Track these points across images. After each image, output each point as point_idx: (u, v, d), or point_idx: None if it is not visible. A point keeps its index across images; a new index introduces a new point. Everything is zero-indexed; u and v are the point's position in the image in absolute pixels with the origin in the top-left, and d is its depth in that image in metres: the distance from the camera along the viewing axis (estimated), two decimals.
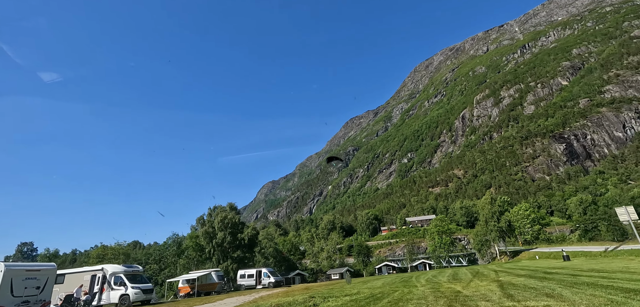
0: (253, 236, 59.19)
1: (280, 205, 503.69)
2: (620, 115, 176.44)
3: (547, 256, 46.58)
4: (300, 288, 29.89)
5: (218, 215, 57.46)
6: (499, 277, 21.02)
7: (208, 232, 56.05)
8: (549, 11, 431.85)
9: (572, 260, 35.76)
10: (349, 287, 24.33)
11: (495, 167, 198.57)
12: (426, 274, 39.43)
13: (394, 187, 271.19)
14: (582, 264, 27.50)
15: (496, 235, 63.69)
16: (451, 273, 32.49)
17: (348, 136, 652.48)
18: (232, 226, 57.52)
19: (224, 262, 54.57)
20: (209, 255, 54.97)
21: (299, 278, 70.47)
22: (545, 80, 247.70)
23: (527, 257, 51.50)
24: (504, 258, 61.77)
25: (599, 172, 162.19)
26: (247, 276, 46.52)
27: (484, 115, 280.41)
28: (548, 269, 25.01)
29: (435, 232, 79.65)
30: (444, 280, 24.17)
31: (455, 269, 44.25)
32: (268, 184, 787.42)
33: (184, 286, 39.58)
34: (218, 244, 54.96)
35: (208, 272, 40.46)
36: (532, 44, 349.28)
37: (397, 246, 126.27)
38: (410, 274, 43.92)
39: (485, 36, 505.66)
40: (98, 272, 28.06)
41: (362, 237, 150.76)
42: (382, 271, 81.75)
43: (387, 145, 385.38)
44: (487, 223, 66.43)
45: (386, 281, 30.34)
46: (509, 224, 65.34)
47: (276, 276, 45.14)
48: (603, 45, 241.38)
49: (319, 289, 25.68)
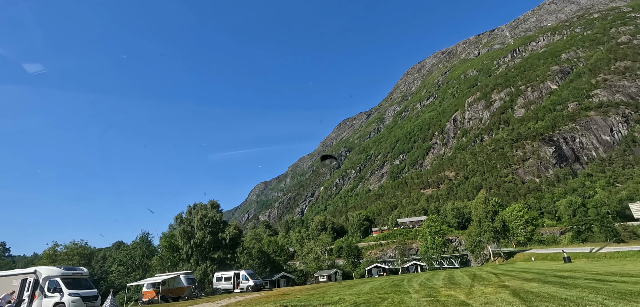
0: (235, 235, 55.37)
1: (271, 206, 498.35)
2: (608, 119, 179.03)
3: (543, 258, 44.71)
4: (277, 293, 26.87)
5: (198, 213, 53.72)
6: (505, 282, 18.45)
7: (186, 232, 52.25)
8: (538, 17, 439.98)
9: (573, 262, 33.72)
10: (331, 293, 21.42)
11: (486, 169, 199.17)
12: (418, 276, 36.86)
13: (386, 189, 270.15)
14: (589, 266, 25.29)
15: (490, 236, 61.45)
16: (446, 276, 29.94)
17: (341, 138, 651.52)
18: (213, 224, 53.89)
19: (202, 264, 50.67)
20: (186, 256, 50.87)
21: (284, 281, 67.08)
22: (535, 84, 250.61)
23: (522, 259, 49.65)
24: (498, 260, 59.80)
25: (588, 175, 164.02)
26: (224, 279, 42.53)
27: (475, 118, 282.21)
28: (557, 272, 22.70)
29: (427, 233, 77.21)
30: (439, 284, 21.53)
31: (449, 271, 41.82)
32: (260, 184, 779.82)
33: (149, 290, 35.48)
34: (196, 244, 51.11)
35: (176, 275, 36.24)
36: (522, 49, 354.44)
37: (388, 247, 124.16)
38: (402, 277, 41.33)
39: (477, 40, 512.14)
40: (29, 276, 23.87)
41: (353, 238, 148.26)
42: (372, 272, 79.25)
43: (380, 147, 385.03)
44: (480, 223, 64.15)
45: (375, 285, 27.62)
46: (504, 225, 63.23)
47: (256, 278, 41.42)
48: (591, 50, 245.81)
49: (298, 294, 22.81)
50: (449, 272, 38.10)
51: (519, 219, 73.40)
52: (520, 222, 72.97)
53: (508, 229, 67.08)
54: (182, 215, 56.22)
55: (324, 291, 24.47)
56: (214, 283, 43.11)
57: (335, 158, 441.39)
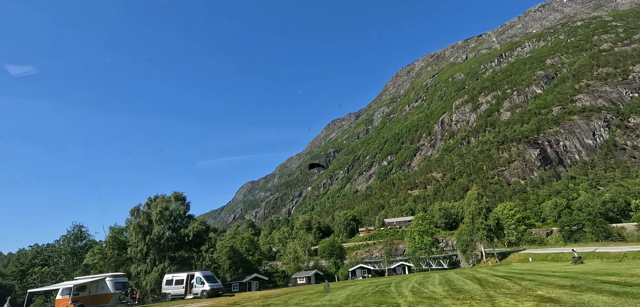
0: (200, 231, 48.89)
1: (258, 206, 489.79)
2: (591, 124, 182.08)
3: (542, 258, 41.03)
4: (227, 302, 21.50)
5: (157, 205, 46.89)
6: (535, 291, 13.82)
7: (142, 226, 45.09)
8: (524, 24, 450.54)
9: (586, 263, 29.85)
10: (294, 304, 16.40)
11: (473, 171, 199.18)
12: (408, 279, 32.36)
13: (374, 189, 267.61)
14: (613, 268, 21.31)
15: (483, 234, 57.73)
16: (442, 280, 25.49)
17: (329, 138, 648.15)
18: (175, 219, 47.82)
19: (160, 264, 44.02)
20: (142, 254, 44.16)
21: (256, 283, 60.69)
22: (520, 88, 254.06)
23: (518, 260, 46.06)
24: (491, 260, 56.19)
25: (571, 178, 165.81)
26: (175, 282, 35.60)
27: (462, 120, 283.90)
28: (582, 275, 18.65)
29: (415, 232, 72.97)
30: (439, 292, 16.98)
31: (442, 273, 37.46)
32: (247, 184, 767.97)
33: (64, 297, 27.88)
34: (153, 240, 44.28)
35: (100, 278, 28.73)
36: (508, 54, 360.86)
37: (374, 247, 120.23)
38: (388, 280, 36.73)
39: (465, 45, 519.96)
40: None
41: (340, 238, 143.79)
42: (356, 274, 74.45)
43: (368, 148, 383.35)
44: (473, 221, 60.17)
45: (355, 290, 22.83)
46: (498, 223, 59.65)
47: (214, 281, 35.09)
48: (574, 56, 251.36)
49: (249, 304, 17.90)
50: (443, 275, 33.69)
51: (511, 218, 70.64)
52: (512, 222, 70.23)
53: (502, 227, 63.54)
54: (139, 207, 49.01)
55: (286, 299, 19.42)
56: (163, 287, 36.21)
57: (323, 166, 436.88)
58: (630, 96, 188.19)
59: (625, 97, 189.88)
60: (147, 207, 48.74)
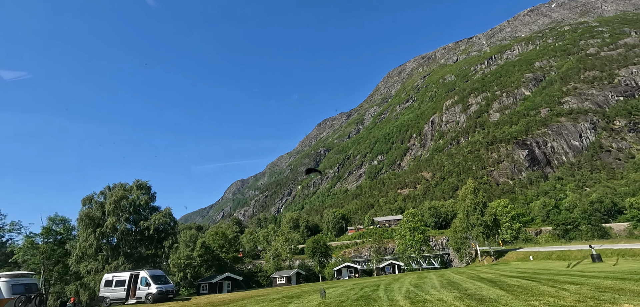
0: (163, 224, 42.34)
1: (247, 204, 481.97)
2: (578, 126, 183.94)
3: (545, 257, 37.57)
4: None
5: (114, 194, 40.39)
6: (614, 301, 9.65)
7: (92, 217, 38.76)
8: (513, 27, 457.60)
9: (604, 261, 26.30)
10: None
11: (462, 171, 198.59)
12: (400, 280, 28.21)
13: (363, 189, 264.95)
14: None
15: (480, 231, 54.55)
16: (443, 281, 21.34)
17: (320, 137, 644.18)
18: (135, 210, 41.60)
19: (113, 261, 38.05)
20: (93, 250, 37.76)
21: (229, 284, 54.80)
22: (509, 90, 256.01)
23: (517, 259, 42.65)
24: (487, 259, 52.76)
25: (558, 178, 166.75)
26: (116, 283, 29.66)
27: (452, 121, 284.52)
28: (620, 274, 14.93)
29: (406, 229, 68.88)
30: (446, 298, 12.80)
31: (438, 273, 33.39)
32: (237, 182, 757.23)
33: None
34: (105, 233, 38.48)
35: None
36: (498, 56, 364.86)
37: (363, 246, 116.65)
38: (377, 281, 32.60)
39: (456, 47, 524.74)
40: None
41: (328, 236, 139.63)
42: (341, 273, 69.75)
43: (358, 148, 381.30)
44: (468, 216, 56.73)
45: (334, 294, 18.59)
46: (495, 219, 56.22)
47: (164, 282, 29.22)
48: (562, 60, 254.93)
49: None
50: (440, 275, 29.52)
51: (505, 215, 67.80)
52: (506, 219, 67.36)
53: (499, 224, 59.96)
54: (93, 196, 42.31)
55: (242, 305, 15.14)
56: (101, 289, 30.03)
57: (319, 171, 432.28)
58: (616, 99, 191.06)
59: (611, 100, 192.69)
60: (103, 196, 42.51)
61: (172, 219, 44.77)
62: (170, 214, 44.57)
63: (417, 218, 71.04)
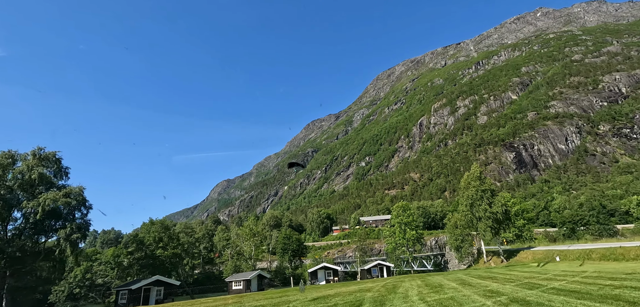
0: (64, 206, 30.99)
1: (232, 204, 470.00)
2: (564, 129, 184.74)
3: (576, 256, 30.06)
4: None
5: None
6: None
7: None
8: (500, 34, 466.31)
9: None
10: None
11: (450, 172, 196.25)
12: (393, 289, 21.75)
13: (351, 190, 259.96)
14: None
15: (487, 225, 45.96)
16: (469, 294, 14.94)
17: (309, 138, 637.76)
18: (23, 187, 30.51)
19: None
20: None
21: (160, 291, 42.05)
22: (497, 94, 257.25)
23: (533, 259, 35.48)
24: (494, 260, 45.37)
25: (545, 181, 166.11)
26: None
27: (440, 123, 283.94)
28: None
29: (396, 225, 61.42)
30: None
31: (443, 276, 26.18)
32: (222, 182, 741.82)
33: None
34: None
35: None
36: (485, 61, 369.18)
37: (348, 247, 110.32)
38: (357, 290, 26.07)
39: (444, 51, 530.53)
40: None
41: (311, 236, 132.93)
42: (317, 276, 61.15)
43: (347, 149, 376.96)
44: (472, 208, 48.81)
45: None
46: (506, 211, 47.29)
47: None
48: (548, 65, 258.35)
49: None
50: (453, 280, 22.47)
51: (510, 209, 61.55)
52: (511, 214, 60.87)
53: (510, 217, 51.74)
54: None
55: None
56: None
57: (302, 165, 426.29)
58: (600, 104, 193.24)
59: (595, 106, 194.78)
60: None
61: (80, 201, 33.68)
62: (78, 194, 33.55)
63: (408, 213, 63.62)
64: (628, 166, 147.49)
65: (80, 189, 34.80)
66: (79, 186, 35.09)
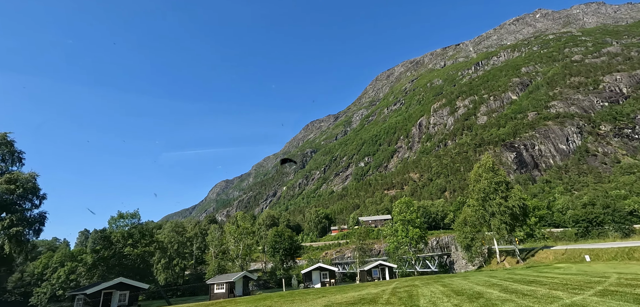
0: (7, 193, 26.78)
1: (230, 204, 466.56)
2: (564, 129, 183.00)
3: (611, 256, 26.38)
4: None
5: None
6: None
7: None
8: (499, 35, 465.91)
9: None
10: None
11: (450, 172, 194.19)
12: (410, 294, 17.16)
13: (350, 190, 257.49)
14: None
15: (502, 221, 41.42)
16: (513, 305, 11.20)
17: (307, 138, 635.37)
18: None
19: None
20: None
21: (124, 296, 37.49)
22: (497, 94, 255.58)
23: (554, 259, 32.06)
24: (509, 261, 41.35)
25: (546, 181, 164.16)
26: None
27: (440, 124, 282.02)
28: None
29: (398, 222, 57.60)
30: None
31: (476, 278, 20.65)
32: (221, 183, 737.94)
33: None
34: None
35: None
36: (485, 62, 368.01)
37: (347, 247, 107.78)
38: (361, 295, 21.44)
39: (443, 52, 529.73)
40: None
41: (309, 237, 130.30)
42: (312, 278, 56.93)
43: (345, 149, 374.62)
44: (484, 202, 44.49)
45: None
46: (523, 206, 41.89)
47: None
48: (548, 66, 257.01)
49: None
50: (483, 284, 17.75)
51: None
52: None
53: (527, 213, 47.41)
54: None
55: None
56: None
57: (294, 162, 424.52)
58: (601, 105, 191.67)
59: (596, 106, 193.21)
60: None
61: (28, 189, 28.85)
62: (27, 181, 28.95)
63: (412, 209, 59.73)
64: (630, 166, 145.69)
65: (31, 176, 30.93)
66: (29, 173, 31.25)
